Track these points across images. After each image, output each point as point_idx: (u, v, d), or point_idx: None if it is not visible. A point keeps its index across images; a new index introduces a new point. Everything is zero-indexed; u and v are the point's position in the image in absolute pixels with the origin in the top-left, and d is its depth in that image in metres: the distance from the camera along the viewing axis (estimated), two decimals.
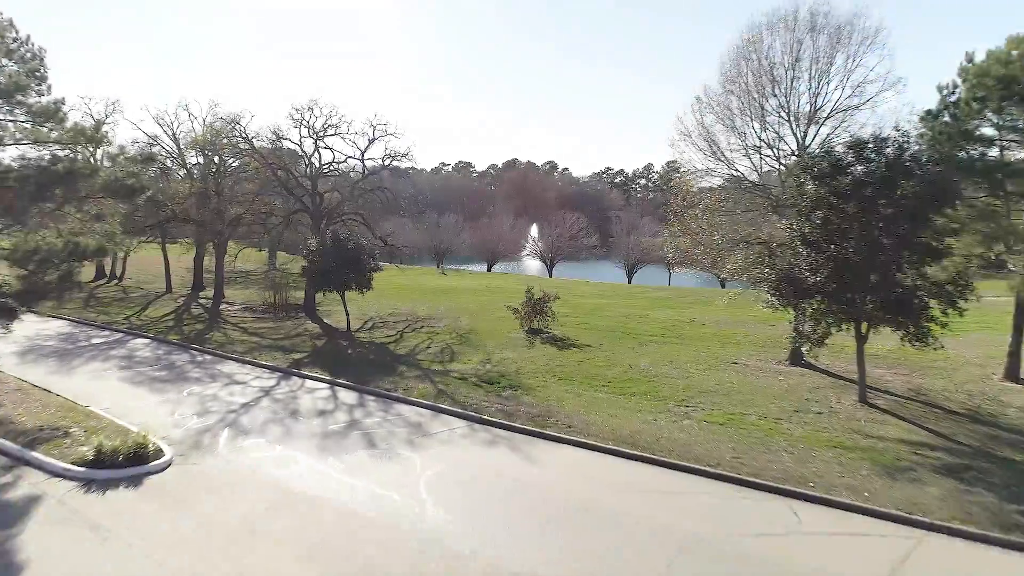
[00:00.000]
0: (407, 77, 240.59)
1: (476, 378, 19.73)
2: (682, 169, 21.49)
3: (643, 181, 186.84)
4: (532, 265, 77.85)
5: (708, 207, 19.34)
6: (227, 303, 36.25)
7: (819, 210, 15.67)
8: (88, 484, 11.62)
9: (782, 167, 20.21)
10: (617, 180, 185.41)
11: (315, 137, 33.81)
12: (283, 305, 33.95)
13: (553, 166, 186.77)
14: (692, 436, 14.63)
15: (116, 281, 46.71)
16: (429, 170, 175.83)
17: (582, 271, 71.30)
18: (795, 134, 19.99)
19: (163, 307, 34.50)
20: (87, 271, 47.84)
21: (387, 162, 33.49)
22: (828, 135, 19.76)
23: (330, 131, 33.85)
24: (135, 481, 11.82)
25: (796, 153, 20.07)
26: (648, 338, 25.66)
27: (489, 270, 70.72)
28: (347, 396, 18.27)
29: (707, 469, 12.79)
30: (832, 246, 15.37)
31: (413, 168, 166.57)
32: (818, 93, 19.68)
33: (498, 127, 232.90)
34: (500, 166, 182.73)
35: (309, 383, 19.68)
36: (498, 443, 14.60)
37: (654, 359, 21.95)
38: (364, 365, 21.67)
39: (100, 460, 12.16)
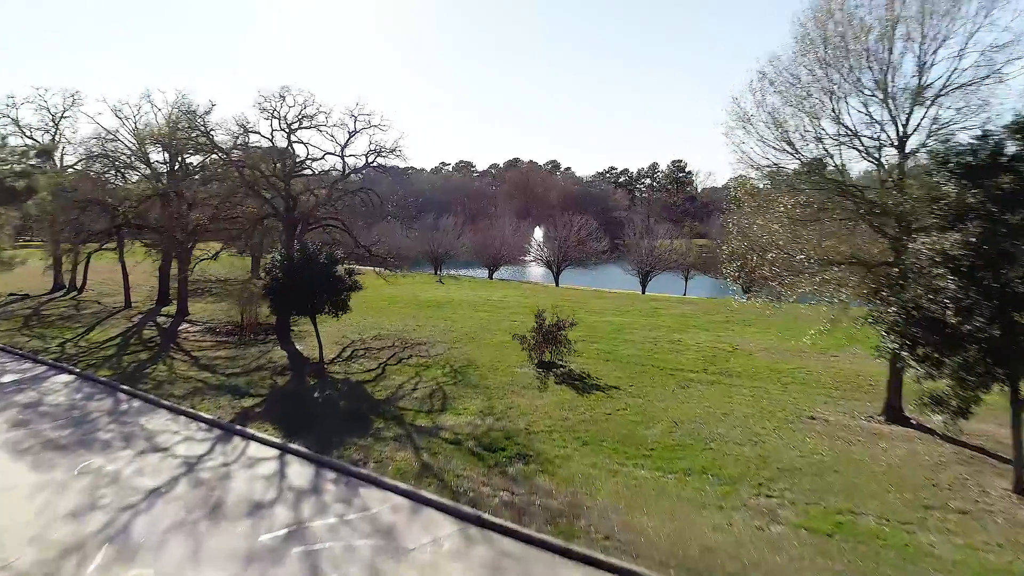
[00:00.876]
0: (407, 77, 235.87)
1: (473, 440, 14.91)
2: (738, 165, 16.62)
3: (648, 181, 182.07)
4: (536, 271, 72.96)
5: (788, 214, 14.42)
6: (189, 322, 31.48)
7: (967, 222, 10.82)
8: None
9: (877, 161, 15.37)
10: (621, 180, 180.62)
11: (287, 130, 29.03)
12: (251, 325, 29.16)
13: (555, 165, 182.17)
14: (793, 558, 9.81)
15: (76, 293, 41.98)
16: (429, 170, 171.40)
17: (590, 278, 66.42)
18: (894, 118, 15.15)
19: (113, 327, 29.71)
20: (45, 283, 43.27)
21: (371, 158, 28.65)
22: (937, 118, 14.88)
23: (305, 123, 29.07)
24: None
25: (895, 143, 15.24)
26: (688, 375, 20.77)
27: (491, 277, 65.84)
28: (299, 473, 13.45)
29: None
30: (989, 273, 10.53)
31: (413, 168, 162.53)
32: (924, 64, 14.83)
33: (500, 126, 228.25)
34: (501, 165, 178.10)
35: (253, 448, 14.88)
36: (505, 570, 9.79)
37: (703, 409, 17.09)
38: (331, 417, 16.85)
39: None
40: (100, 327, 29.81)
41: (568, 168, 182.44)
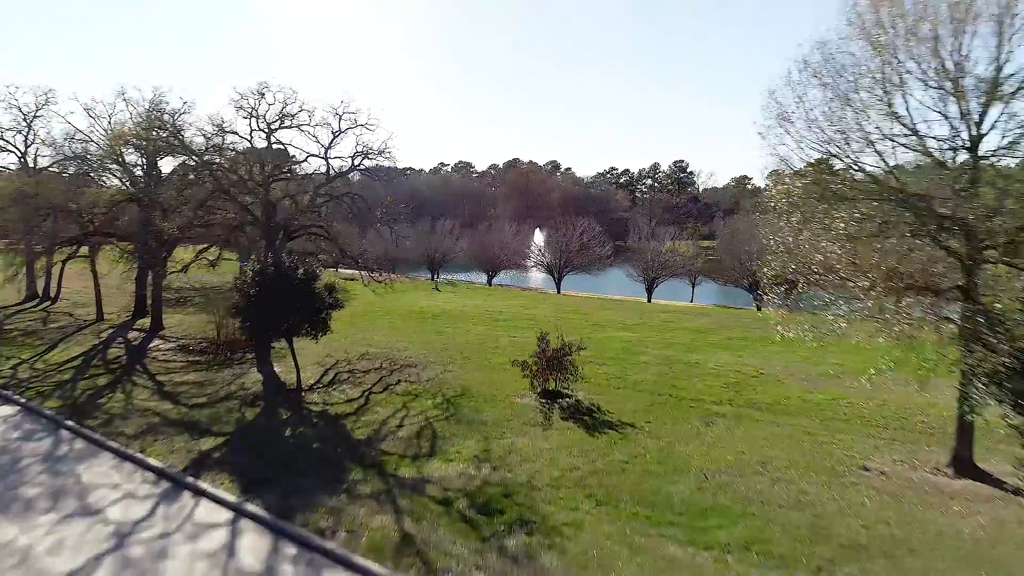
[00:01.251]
0: (408, 77, 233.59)
1: (466, 499, 12.51)
2: (777, 169, 14.28)
3: (649, 181, 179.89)
4: (537, 276, 70.48)
5: (847, 231, 11.87)
6: (162, 338, 29.04)
7: None
8: None
9: (944, 165, 12.96)
10: (622, 180, 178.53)
11: (267, 130, 26.65)
12: (228, 343, 26.72)
13: (556, 166, 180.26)
14: None
15: (50, 303, 39.53)
16: (428, 170, 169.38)
17: (593, 283, 64.08)
18: (965, 115, 12.74)
19: (78, 345, 27.26)
20: (18, 291, 40.74)
21: (358, 160, 26.25)
22: (1015, 115, 12.47)
23: (286, 123, 26.71)
24: None
25: (967, 144, 12.84)
26: (712, 408, 18.33)
27: (489, 283, 63.42)
28: (252, 547, 11.03)
29: None
30: None
31: (411, 169, 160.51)
32: (1002, 51, 12.43)
33: (499, 126, 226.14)
34: (501, 166, 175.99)
35: (203, 509, 12.45)
36: None
37: (735, 456, 14.66)
38: (301, 465, 14.42)
39: None
40: (64, 344, 27.38)
41: (568, 168, 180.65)
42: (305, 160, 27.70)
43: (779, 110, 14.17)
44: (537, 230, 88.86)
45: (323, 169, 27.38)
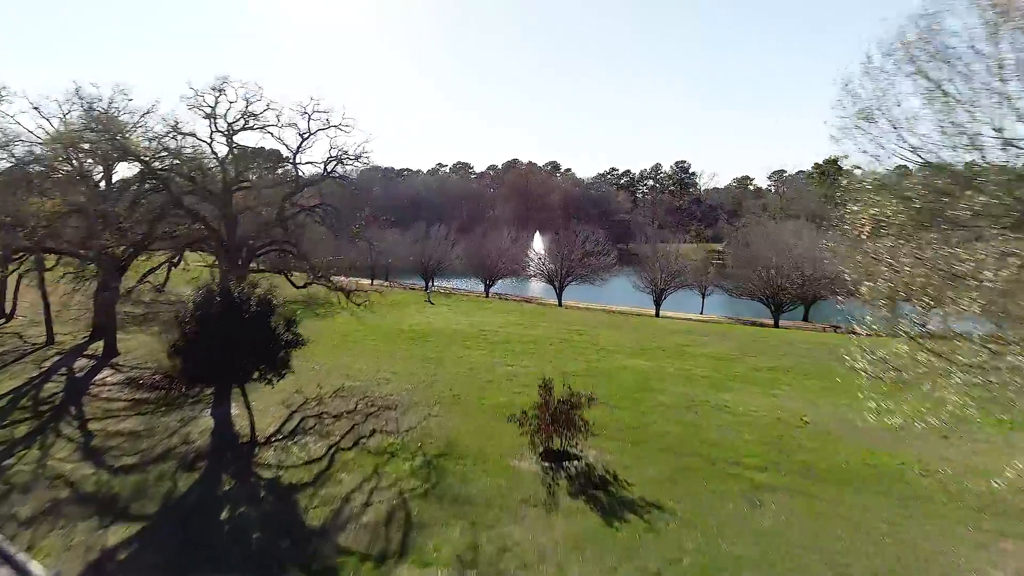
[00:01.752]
0: (404, 77, 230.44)
1: None
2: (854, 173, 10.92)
3: (650, 182, 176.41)
4: (536, 284, 66.85)
5: (997, 283, 8.43)
6: (112, 367, 25.57)
7: None
8: None
9: None
10: (623, 181, 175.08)
11: (228, 132, 23.22)
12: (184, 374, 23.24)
13: (555, 166, 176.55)
14: None
15: (4, 321, 36.07)
16: (426, 171, 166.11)
17: (596, 293, 60.54)
18: None
19: (13, 378, 23.76)
20: None
21: (331, 166, 22.82)
22: None
23: (250, 123, 23.28)
24: None
25: None
26: (755, 476, 14.80)
27: (487, 293, 59.89)
28: None
29: None
30: None
31: (408, 170, 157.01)
32: None
33: (499, 127, 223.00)
34: (500, 167, 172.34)
35: None
36: None
37: (799, 560, 11.18)
38: (230, 570, 11.00)
39: None
40: None
41: (568, 169, 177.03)
42: (274, 166, 24.25)
43: (857, 103, 10.75)
44: (537, 234, 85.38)
45: (293, 175, 23.93)
